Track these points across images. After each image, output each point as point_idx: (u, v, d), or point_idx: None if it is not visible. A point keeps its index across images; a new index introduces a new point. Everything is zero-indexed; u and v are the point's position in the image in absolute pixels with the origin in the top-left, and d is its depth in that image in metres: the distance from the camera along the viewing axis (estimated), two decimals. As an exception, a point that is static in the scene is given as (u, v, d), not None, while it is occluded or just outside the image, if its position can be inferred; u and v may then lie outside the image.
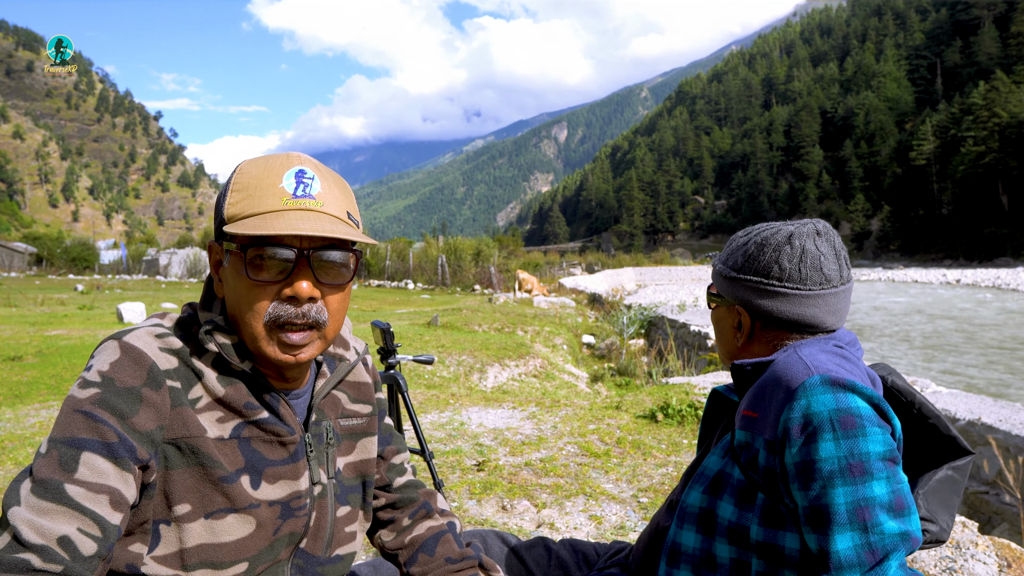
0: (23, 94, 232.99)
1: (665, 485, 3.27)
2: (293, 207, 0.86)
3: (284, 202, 0.86)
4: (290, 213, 0.86)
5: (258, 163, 0.90)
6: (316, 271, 0.87)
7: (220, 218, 0.88)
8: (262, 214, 0.85)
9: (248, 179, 0.88)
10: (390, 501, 1.15)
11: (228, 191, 0.88)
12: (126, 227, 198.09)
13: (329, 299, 0.90)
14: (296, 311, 0.87)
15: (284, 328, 0.87)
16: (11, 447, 4.03)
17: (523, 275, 21.75)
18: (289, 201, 0.86)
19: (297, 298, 0.86)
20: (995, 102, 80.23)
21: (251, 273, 0.85)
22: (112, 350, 0.82)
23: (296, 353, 0.88)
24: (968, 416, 4.88)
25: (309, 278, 0.87)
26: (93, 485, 0.75)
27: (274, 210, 0.85)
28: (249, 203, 0.86)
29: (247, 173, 0.89)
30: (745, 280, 1.11)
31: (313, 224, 0.84)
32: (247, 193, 0.87)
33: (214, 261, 0.93)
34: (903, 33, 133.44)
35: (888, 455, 0.91)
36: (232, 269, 0.88)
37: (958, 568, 2.11)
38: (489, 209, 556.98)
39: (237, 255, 0.86)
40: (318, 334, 0.90)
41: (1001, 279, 43.79)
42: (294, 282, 0.86)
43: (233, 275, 0.88)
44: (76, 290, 23.09)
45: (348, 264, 0.91)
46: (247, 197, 0.87)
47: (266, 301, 0.86)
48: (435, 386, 6.81)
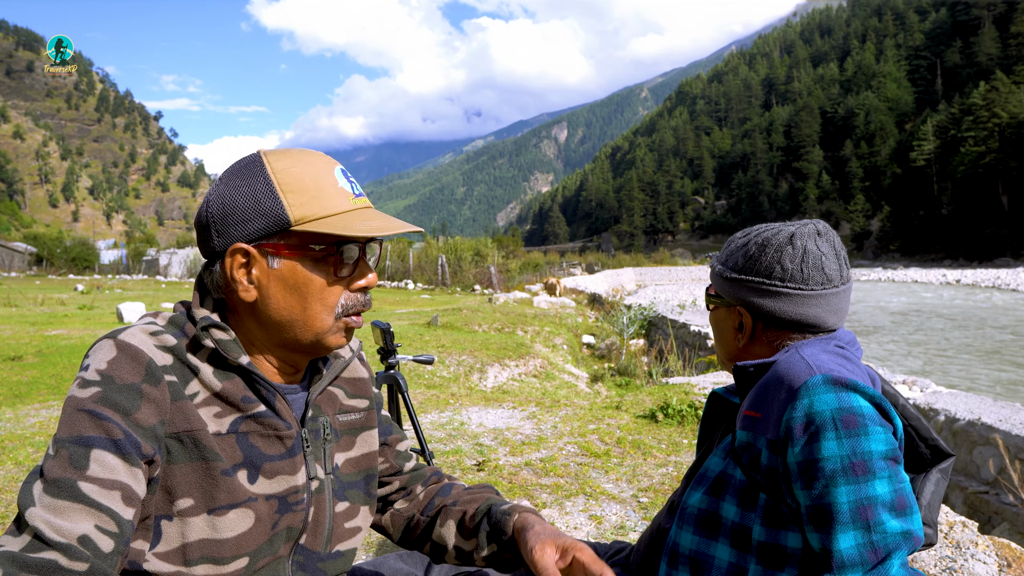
0: (23, 94, 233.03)
1: (665, 485, 3.27)
2: (360, 206, 0.92)
3: (352, 202, 0.90)
4: (364, 211, 0.91)
5: (295, 162, 0.90)
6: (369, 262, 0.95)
7: (276, 219, 0.87)
8: (340, 214, 0.88)
9: (300, 180, 0.88)
10: (403, 483, 1.18)
11: (278, 192, 0.87)
12: (126, 227, 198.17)
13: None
14: (365, 299, 0.95)
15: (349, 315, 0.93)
16: (11, 447, 4.02)
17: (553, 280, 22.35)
18: (354, 200, 0.91)
19: (368, 288, 0.94)
20: (995, 102, 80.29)
21: (338, 271, 0.90)
22: (108, 348, 0.83)
23: (350, 337, 0.96)
24: (968, 416, 4.87)
25: (370, 269, 0.95)
26: (106, 481, 0.75)
27: (348, 210, 0.90)
28: (318, 204, 0.88)
29: (292, 173, 0.88)
30: (747, 281, 1.11)
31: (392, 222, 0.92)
32: (309, 195, 0.88)
33: (239, 264, 0.90)
34: (903, 33, 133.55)
35: (890, 454, 0.91)
36: (294, 268, 0.89)
37: (958, 568, 2.11)
38: (489, 209, 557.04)
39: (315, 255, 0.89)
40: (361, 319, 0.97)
41: (1001, 279, 43.81)
42: (364, 274, 0.94)
43: (297, 274, 0.89)
44: (76, 290, 23.10)
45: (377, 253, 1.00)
46: (312, 198, 0.88)
47: (339, 294, 0.91)
48: (435, 386, 6.81)
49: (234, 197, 0.89)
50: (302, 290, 0.89)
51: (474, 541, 1.07)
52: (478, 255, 30.77)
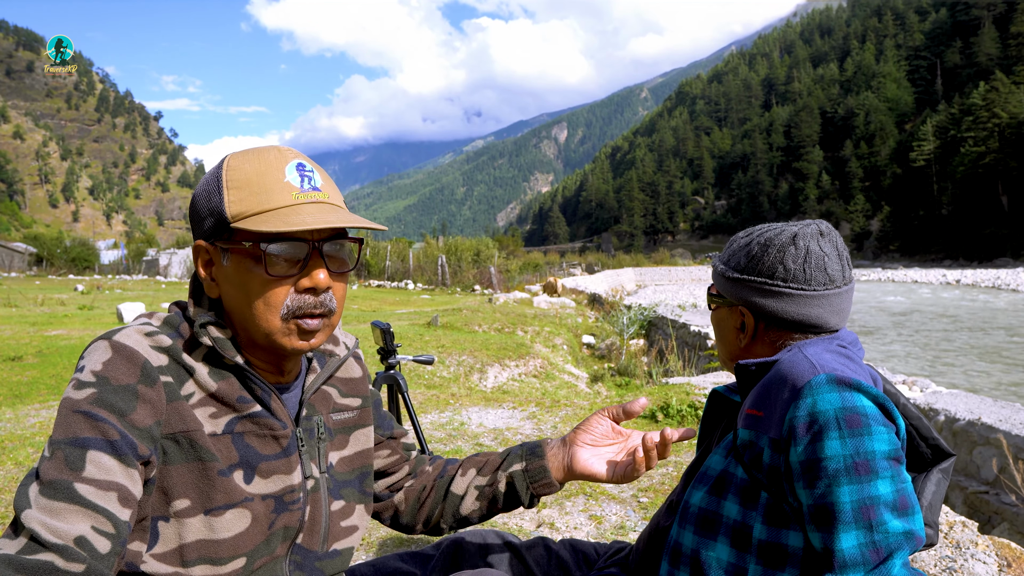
0: (23, 94, 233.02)
1: (665, 485, 3.28)
2: (304, 200, 0.87)
3: (295, 196, 0.87)
4: (305, 207, 0.87)
5: (249, 158, 0.89)
6: (327, 261, 0.90)
7: (219, 217, 0.87)
8: (275, 210, 0.86)
9: (245, 175, 0.87)
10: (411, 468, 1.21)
11: (223, 189, 0.87)
12: (126, 227, 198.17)
13: (336, 287, 0.92)
14: (315, 301, 0.89)
15: (301, 316, 0.89)
16: (11, 447, 4.02)
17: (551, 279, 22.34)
18: (299, 195, 0.87)
19: (316, 289, 0.88)
20: (995, 102, 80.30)
21: (269, 269, 0.86)
22: (103, 350, 0.82)
23: (310, 339, 0.90)
24: (968, 416, 4.87)
25: (324, 268, 0.89)
26: (102, 483, 0.75)
27: (287, 205, 0.86)
28: (256, 200, 0.86)
29: (240, 169, 0.88)
30: (749, 281, 1.11)
31: (333, 216, 0.86)
32: (250, 190, 0.86)
33: (204, 261, 0.91)
34: (903, 33, 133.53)
35: (893, 454, 0.91)
36: (238, 266, 0.88)
37: (958, 568, 2.11)
38: (489, 209, 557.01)
39: (248, 252, 0.87)
40: (327, 321, 0.92)
41: (1001, 279, 43.81)
42: (311, 273, 0.88)
43: (240, 272, 0.87)
44: (76, 290, 23.09)
45: (352, 252, 0.95)
46: (252, 194, 0.86)
47: (283, 295, 0.87)
48: (435, 386, 6.81)
49: (197, 195, 0.91)
50: (245, 288, 0.88)
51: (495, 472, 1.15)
52: (478, 255, 30.77)
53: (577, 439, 1.13)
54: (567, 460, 1.12)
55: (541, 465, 1.13)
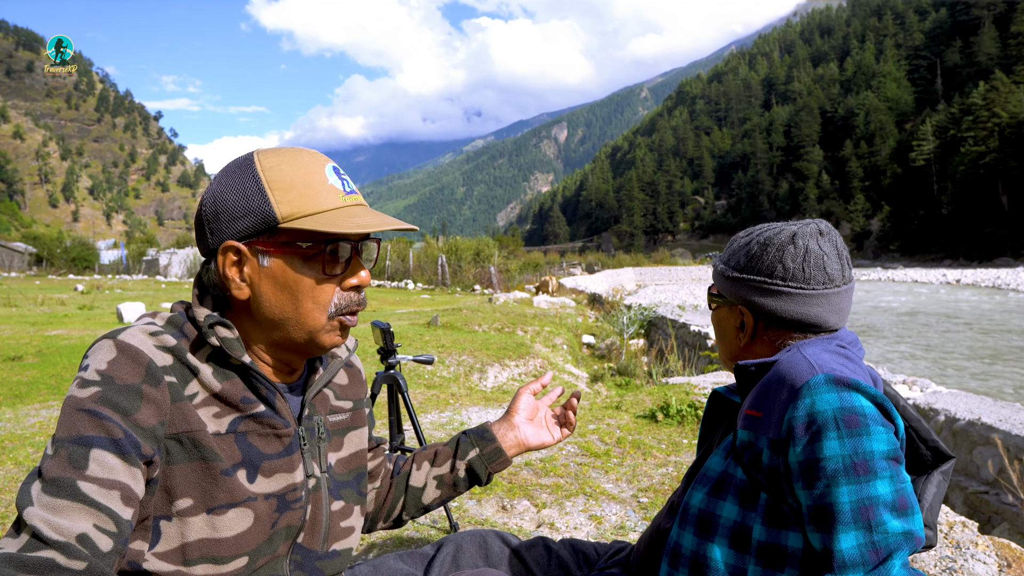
0: (23, 94, 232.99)
1: (665, 485, 3.27)
2: (351, 203, 0.91)
3: (342, 199, 0.90)
4: (354, 209, 0.91)
5: (286, 159, 0.90)
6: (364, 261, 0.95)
7: (264, 217, 0.87)
8: (329, 211, 0.88)
9: (290, 177, 0.88)
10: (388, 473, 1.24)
11: (267, 190, 0.87)
12: (126, 227, 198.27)
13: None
14: (359, 298, 0.94)
15: (344, 314, 0.93)
16: (11, 447, 4.02)
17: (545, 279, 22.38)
18: (344, 198, 0.91)
19: (360, 287, 0.94)
20: (995, 102, 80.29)
21: (327, 269, 0.90)
22: (108, 349, 0.83)
23: (346, 336, 0.96)
24: (968, 416, 4.87)
25: (363, 268, 0.94)
26: (105, 481, 0.75)
27: (337, 207, 0.89)
28: (307, 201, 0.88)
29: (281, 170, 0.88)
30: (748, 280, 1.11)
31: (379, 219, 0.91)
32: (297, 192, 0.87)
33: (232, 262, 0.90)
34: (903, 33, 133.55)
35: (892, 454, 0.91)
36: (285, 266, 0.89)
37: (958, 568, 2.11)
38: (489, 209, 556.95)
39: (301, 252, 0.89)
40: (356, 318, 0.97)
41: (1001, 279, 43.80)
42: (356, 272, 0.93)
43: (288, 272, 0.89)
44: (76, 290, 23.09)
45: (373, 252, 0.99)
46: (300, 196, 0.87)
47: (331, 293, 0.91)
48: (435, 386, 6.81)
49: (225, 195, 0.89)
50: (292, 288, 0.89)
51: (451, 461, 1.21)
52: (478, 255, 30.75)
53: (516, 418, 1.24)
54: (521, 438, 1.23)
55: (495, 447, 1.21)
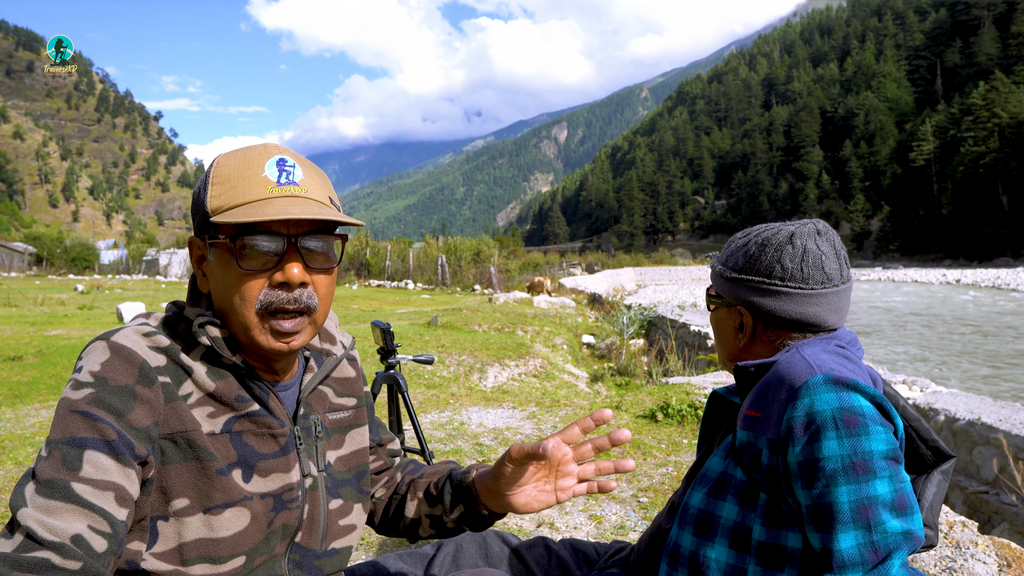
0: (23, 94, 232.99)
1: (665, 485, 3.27)
2: (279, 194, 0.87)
3: (269, 190, 0.87)
4: (277, 200, 0.86)
5: (236, 155, 0.90)
6: (304, 257, 0.89)
7: (203, 212, 0.88)
8: (249, 203, 0.86)
9: (228, 171, 0.88)
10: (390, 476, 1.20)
11: (208, 185, 0.88)
12: (126, 227, 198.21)
13: (318, 284, 0.90)
14: (288, 296, 0.88)
15: (276, 316, 0.88)
16: (11, 447, 4.03)
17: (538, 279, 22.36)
18: (274, 189, 0.87)
19: (289, 284, 0.87)
20: (995, 102, 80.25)
21: (241, 263, 0.86)
22: (101, 350, 0.83)
23: (288, 340, 0.89)
24: (968, 416, 4.87)
25: (299, 263, 0.88)
26: (99, 482, 0.75)
27: (261, 199, 0.86)
28: (233, 194, 0.86)
29: (226, 166, 0.89)
30: (747, 280, 1.11)
31: (302, 208, 0.85)
32: (229, 185, 0.87)
33: (196, 257, 0.93)
34: (903, 33, 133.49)
35: (891, 454, 0.91)
36: (219, 261, 0.88)
37: (958, 568, 2.11)
38: (489, 209, 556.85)
39: (225, 246, 0.87)
40: (308, 320, 0.91)
41: (1001, 279, 43.78)
42: (284, 267, 0.87)
43: (221, 267, 0.88)
44: (76, 290, 23.08)
45: (334, 248, 0.93)
46: (230, 189, 0.87)
47: (257, 289, 0.87)
48: (435, 386, 6.81)
49: (194, 193, 0.93)
50: (222, 282, 0.89)
51: (440, 506, 1.10)
52: (478, 255, 30.76)
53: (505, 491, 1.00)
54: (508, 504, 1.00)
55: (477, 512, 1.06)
